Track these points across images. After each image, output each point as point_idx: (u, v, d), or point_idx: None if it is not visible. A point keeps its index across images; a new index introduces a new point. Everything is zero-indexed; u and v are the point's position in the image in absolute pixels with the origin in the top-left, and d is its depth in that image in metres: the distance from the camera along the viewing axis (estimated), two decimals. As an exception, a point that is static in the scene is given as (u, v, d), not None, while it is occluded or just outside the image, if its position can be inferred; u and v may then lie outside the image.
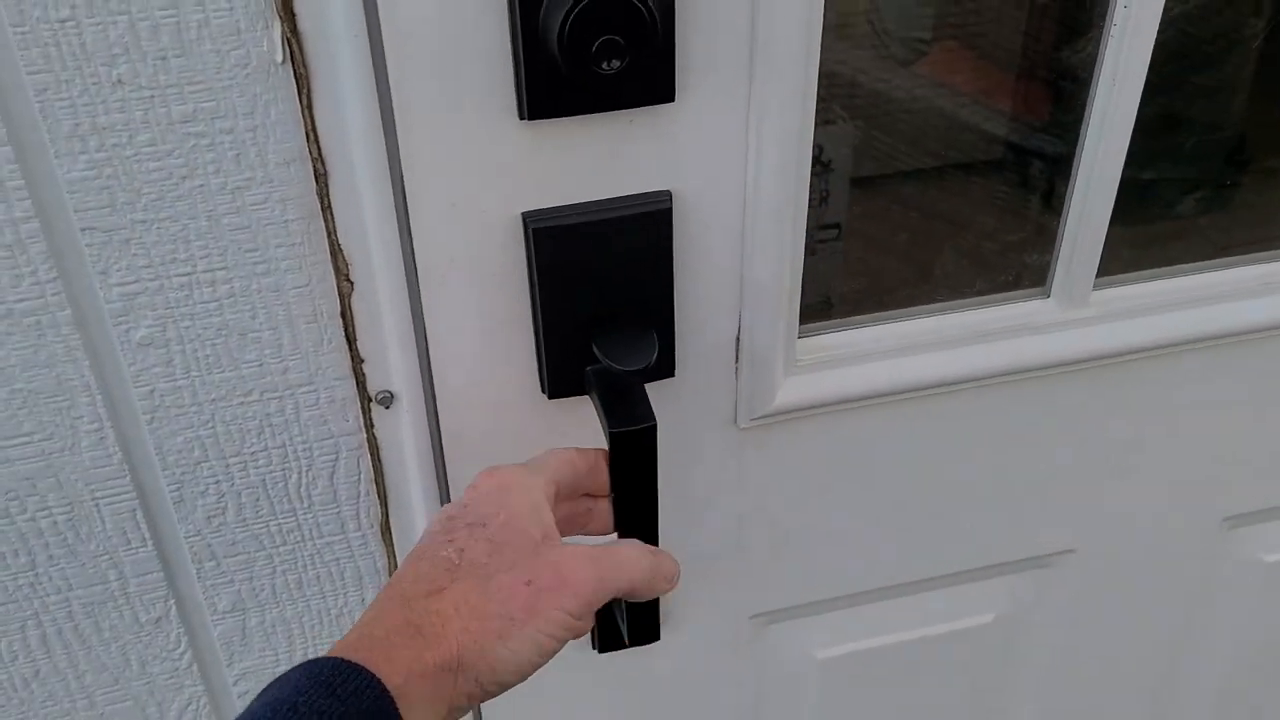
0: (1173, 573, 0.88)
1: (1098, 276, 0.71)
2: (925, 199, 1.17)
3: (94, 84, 0.49)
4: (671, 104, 0.55)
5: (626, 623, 0.66)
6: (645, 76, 0.53)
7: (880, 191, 1.17)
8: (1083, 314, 0.71)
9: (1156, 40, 0.62)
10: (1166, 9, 0.61)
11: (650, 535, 0.62)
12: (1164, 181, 1.06)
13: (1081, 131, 0.66)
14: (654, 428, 0.58)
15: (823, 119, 1.11)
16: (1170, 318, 0.72)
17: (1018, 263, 0.79)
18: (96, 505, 0.61)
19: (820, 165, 1.11)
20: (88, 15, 0.47)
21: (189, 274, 0.55)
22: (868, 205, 1.14)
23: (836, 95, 1.14)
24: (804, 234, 0.63)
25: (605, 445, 0.58)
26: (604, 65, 0.50)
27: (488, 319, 0.60)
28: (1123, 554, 0.85)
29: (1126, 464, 0.80)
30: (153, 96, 0.50)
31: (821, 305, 1.12)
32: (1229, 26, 1.00)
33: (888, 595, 0.83)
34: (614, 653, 0.75)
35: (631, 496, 0.60)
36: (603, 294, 0.60)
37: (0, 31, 0.47)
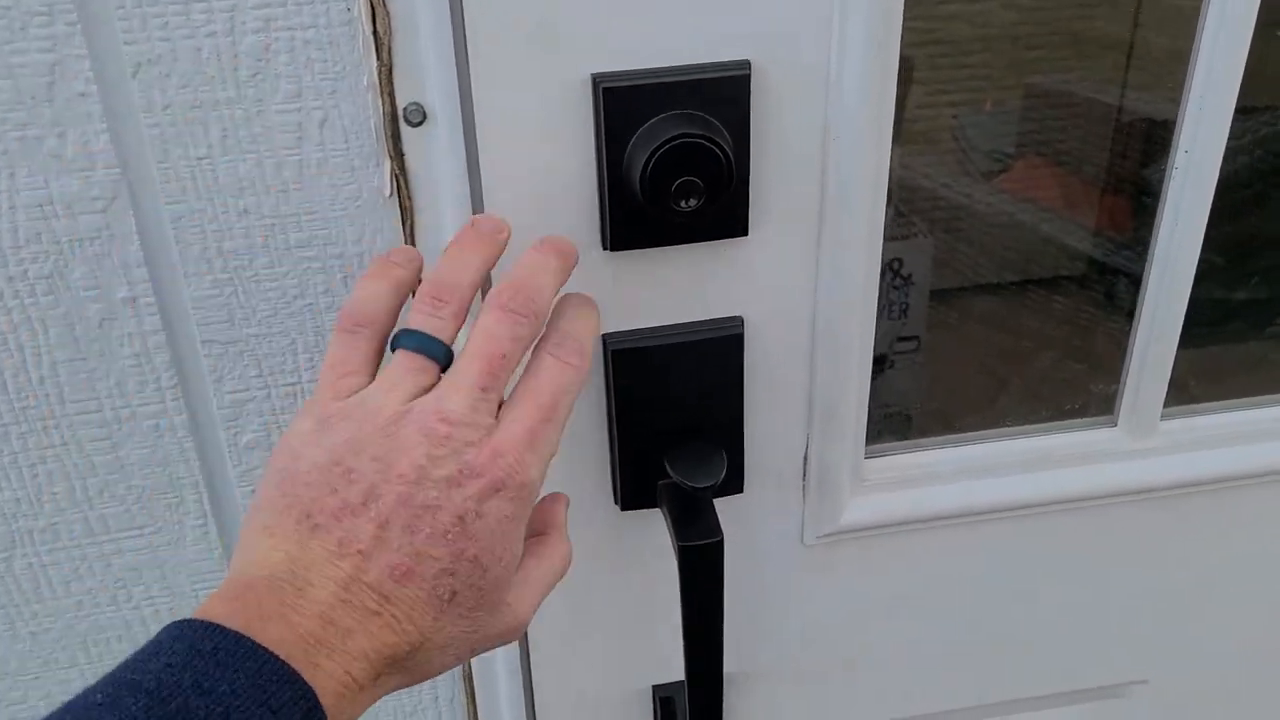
0: (1250, 706, 0.86)
1: (1171, 405, 0.72)
2: (1004, 314, 1.18)
3: (223, 213, 0.54)
4: (745, 237, 0.59)
5: (690, 734, 0.67)
6: (721, 213, 0.57)
7: (960, 305, 1.18)
8: (1150, 444, 0.72)
9: (1245, 161, 0.63)
10: (1254, 131, 0.62)
11: (716, 648, 0.64)
12: (1256, 301, 1.06)
13: (1146, 267, 0.68)
14: (721, 542, 0.60)
15: (903, 233, 1.14)
16: (1239, 450, 0.73)
17: (1087, 389, 0.80)
18: (196, 597, 0.65)
19: (900, 279, 1.14)
20: (222, 154, 0.53)
21: (294, 384, 0.60)
22: (947, 318, 1.16)
23: (919, 209, 1.17)
24: (870, 359, 0.66)
25: (674, 558, 0.61)
26: (682, 204, 0.54)
27: (566, 434, 0.63)
28: (1197, 686, 0.84)
29: (1200, 593, 0.80)
30: (273, 225, 0.55)
31: (900, 418, 1.14)
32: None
33: (955, 719, 0.82)
34: (678, 764, 0.77)
35: (698, 609, 0.62)
36: (676, 412, 0.63)
37: (145, 167, 0.52)
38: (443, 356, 0.46)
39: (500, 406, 0.46)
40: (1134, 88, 1.12)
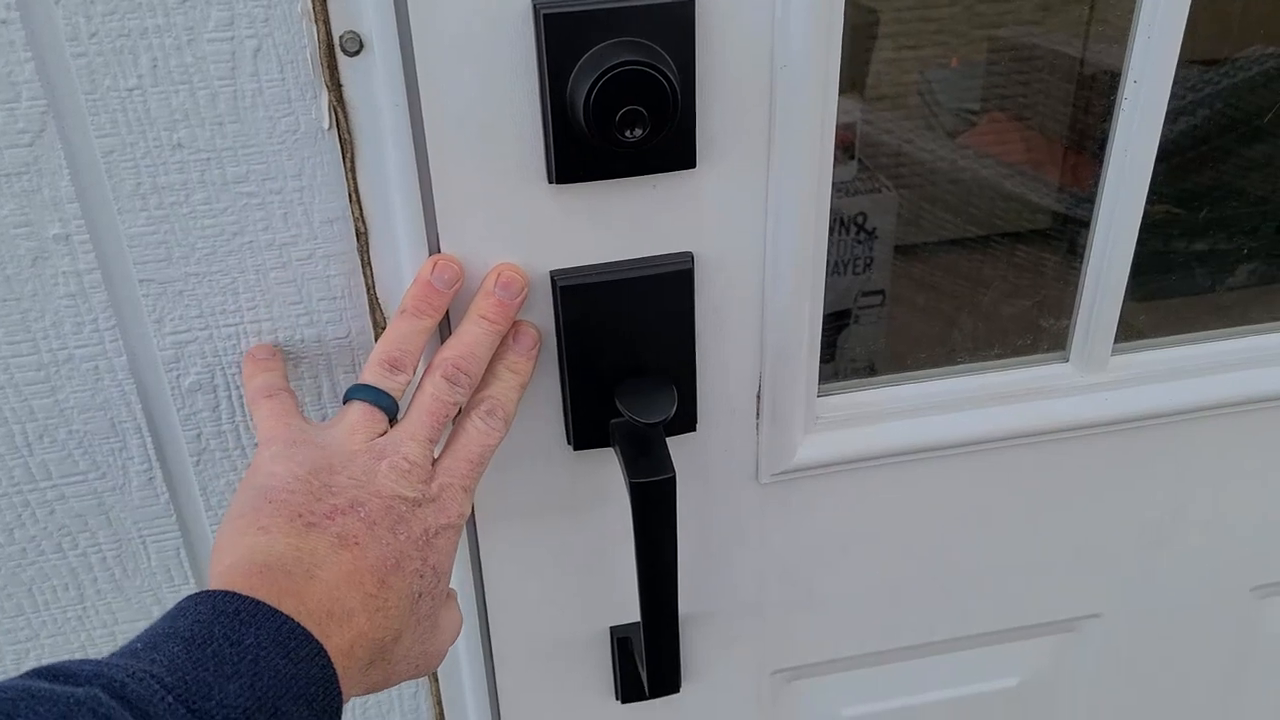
0: (1200, 641, 0.87)
1: (1121, 341, 0.73)
2: (968, 267, 1.19)
3: (156, 147, 0.53)
4: (693, 170, 0.58)
5: (647, 673, 0.67)
6: (667, 144, 0.56)
7: (924, 259, 1.19)
8: (1101, 378, 0.73)
9: (1205, 114, 0.63)
10: (1213, 82, 0.63)
11: (670, 586, 0.64)
12: (1215, 252, 1.07)
13: (1097, 200, 0.68)
14: (673, 479, 0.60)
15: (868, 188, 1.14)
16: (1188, 384, 0.73)
17: (1038, 326, 0.81)
18: (143, 543, 0.64)
19: (864, 233, 1.14)
20: (153, 84, 0.51)
21: (236, 324, 0.59)
22: (911, 272, 1.16)
23: (883, 165, 1.16)
24: (823, 294, 0.65)
25: (628, 497, 0.60)
26: (627, 134, 0.53)
27: (517, 372, 0.63)
28: (1149, 620, 0.85)
29: (1151, 529, 0.81)
30: (209, 159, 0.54)
31: (865, 372, 1.14)
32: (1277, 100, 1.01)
33: (911, 655, 0.83)
34: (635, 704, 0.77)
35: (652, 547, 0.62)
36: (626, 350, 0.62)
37: (73, 99, 0.51)
38: (393, 410, 0.54)
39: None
40: (1096, 40, 1.12)
